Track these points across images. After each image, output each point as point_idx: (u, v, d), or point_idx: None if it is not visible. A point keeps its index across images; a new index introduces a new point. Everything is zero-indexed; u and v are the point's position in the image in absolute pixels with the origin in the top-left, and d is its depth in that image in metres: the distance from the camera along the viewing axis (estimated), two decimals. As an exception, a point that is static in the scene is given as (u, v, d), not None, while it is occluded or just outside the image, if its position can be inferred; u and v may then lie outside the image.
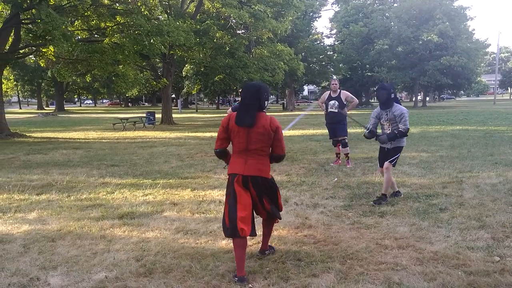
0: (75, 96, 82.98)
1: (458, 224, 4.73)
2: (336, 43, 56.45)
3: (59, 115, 42.23)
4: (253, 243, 4.28)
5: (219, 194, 6.47)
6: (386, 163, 5.83)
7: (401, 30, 44.22)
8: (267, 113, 3.66)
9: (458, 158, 9.27)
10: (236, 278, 3.37)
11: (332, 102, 8.70)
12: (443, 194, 6.15)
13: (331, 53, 53.77)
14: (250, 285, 3.33)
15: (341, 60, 52.10)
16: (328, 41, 59.88)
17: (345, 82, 56.47)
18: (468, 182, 6.89)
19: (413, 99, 54.86)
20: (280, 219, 4.04)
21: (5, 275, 3.62)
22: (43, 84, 59.66)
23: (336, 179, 7.37)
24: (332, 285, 3.30)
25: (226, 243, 4.28)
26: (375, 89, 69.98)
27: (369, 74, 51.97)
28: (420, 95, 56.91)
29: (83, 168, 9.22)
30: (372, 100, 77.18)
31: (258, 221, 4.10)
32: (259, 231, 4.06)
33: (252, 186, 3.54)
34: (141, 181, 7.59)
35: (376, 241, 4.28)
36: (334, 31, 57.43)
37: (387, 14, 50.10)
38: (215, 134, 17.37)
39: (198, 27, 21.16)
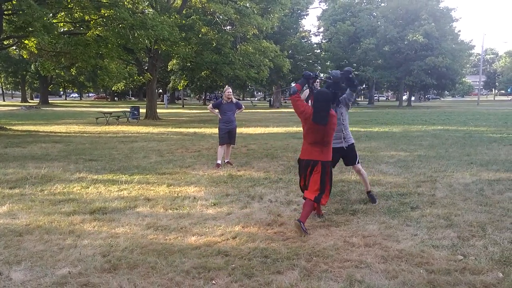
0: (61, 89, 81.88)
1: (426, 223, 4.80)
2: (324, 41, 56.60)
3: (43, 108, 41.61)
4: (222, 240, 4.28)
5: (195, 190, 6.46)
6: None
7: (387, 29, 44.59)
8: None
9: (435, 158, 9.39)
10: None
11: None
12: (416, 193, 6.23)
13: (319, 51, 53.90)
14: (213, 282, 3.34)
15: (328, 58, 52.32)
16: (315, 39, 60.07)
17: (332, 80, 56.52)
18: (442, 181, 6.98)
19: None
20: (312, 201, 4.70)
21: (-34, 270, 3.56)
22: (27, 76, 58.75)
23: (312, 176, 7.40)
24: (295, 282, 3.32)
25: (195, 240, 4.28)
26: (361, 87, 70.76)
27: (356, 73, 52.26)
28: (406, 94, 57.49)
29: (60, 162, 9.11)
30: (359, 99, 77.82)
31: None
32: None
33: None
34: (118, 176, 7.52)
35: (344, 238, 4.32)
36: (322, 29, 57.56)
37: (374, 13, 50.45)
38: (198, 130, 17.35)
39: (184, 22, 21.01)
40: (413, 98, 61.95)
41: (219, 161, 8.49)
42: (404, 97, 57.87)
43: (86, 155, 10.17)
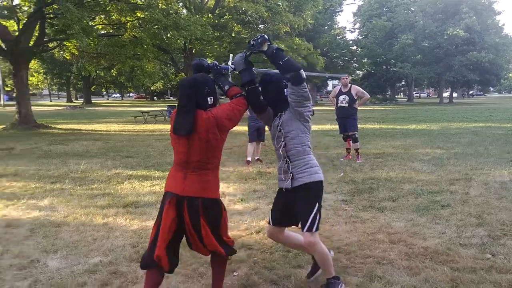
0: (103, 90, 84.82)
1: (456, 221, 4.69)
2: (360, 37, 55.71)
3: (86, 108, 43.26)
4: (246, 234, 4.37)
5: (224, 186, 6.57)
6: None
7: (426, 24, 43.31)
8: None
9: (472, 155, 9.10)
10: None
11: (342, 96, 8.71)
12: (448, 191, 6.08)
13: (354, 47, 53.11)
14: (234, 273, 3.43)
15: (365, 55, 51.49)
16: (351, 36, 59.40)
17: (369, 77, 55.81)
18: (477, 179, 6.78)
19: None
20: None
21: (8, 257, 3.84)
22: (71, 77, 61.21)
23: (342, 173, 7.38)
24: (315, 276, 3.36)
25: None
26: (401, 84, 68.91)
27: (394, 69, 51.24)
28: (448, 91, 55.70)
29: (99, 159, 9.51)
30: (398, 96, 76.03)
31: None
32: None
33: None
34: (151, 172, 7.78)
35: (369, 235, 4.30)
36: (357, 25, 56.71)
37: (412, 8, 49.07)
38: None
39: (216, 21, 21.32)
40: (455, 95, 59.90)
41: (248, 158, 8.60)
42: (446, 94, 56.04)
43: (123, 152, 10.55)
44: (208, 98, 2.79)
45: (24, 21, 17.98)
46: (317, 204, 2.95)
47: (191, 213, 2.73)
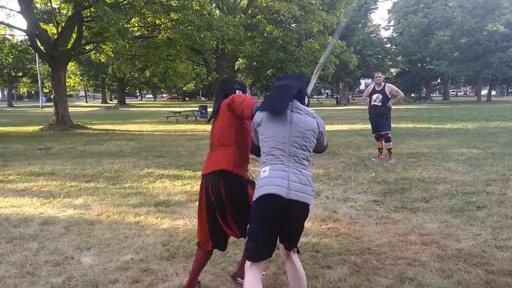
0: (137, 91, 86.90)
1: (492, 223, 4.53)
2: (394, 35, 54.57)
3: (120, 109, 44.40)
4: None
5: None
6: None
7: (464, 20, 41.86)
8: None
9: (511, 155, 8.75)
10: None
11: (375, 95, 8.56)
12: (484, 191, 5.87)
13: (389, 45, 52.08)
14: (263, 273, 3.43)
15: (399, 53, 50.39)
16: (385, 33, 58.31)
17: (403, 75, 54.62)
18: (516, 180, 6.51)
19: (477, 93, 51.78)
20: None
21: (44, 253, 3.98)
22: (106, 79, 63.03)
23: (373, 174, 7.25)
24: (343, 277, 3.32)
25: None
26: (436, 82, 66.87)
27: (430, 67, 49.82)
28: (486, 89, 53.73)
29: (132, 159, 9.72)
30: (434, 95, 73.93)
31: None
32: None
33: None
34: (182, 172, 7.89)
35: (400, 236, 4.21)
36: (392, 22, 55.55)
37: (450, 4, 47.56)
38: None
39: (249, 21, 21.41)
40: (494, 93, 57.71)
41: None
42: (484, 92, 54.07)
43: (156, 152, 10.75)
44: (237, 91, 3.14)
45: (63, 25, 18.64)
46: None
47: (213, 186, 2.91)
